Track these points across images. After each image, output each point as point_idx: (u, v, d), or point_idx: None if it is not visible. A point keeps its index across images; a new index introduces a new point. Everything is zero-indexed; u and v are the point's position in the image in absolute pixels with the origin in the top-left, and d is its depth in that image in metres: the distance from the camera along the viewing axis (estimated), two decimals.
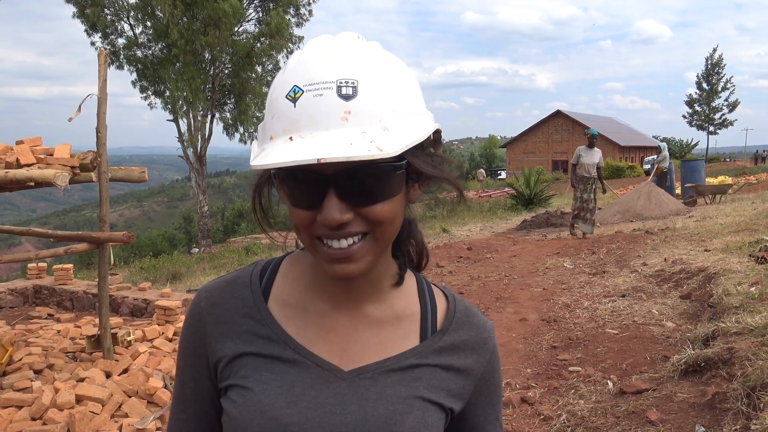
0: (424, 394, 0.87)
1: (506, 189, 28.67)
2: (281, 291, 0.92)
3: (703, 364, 4.06)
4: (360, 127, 0.72)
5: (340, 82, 0.72)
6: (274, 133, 0.75)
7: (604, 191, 11.94)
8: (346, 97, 0.72)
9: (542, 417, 4.01)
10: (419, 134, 0.76)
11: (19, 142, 4.71)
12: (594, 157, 11.12)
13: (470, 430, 0.96)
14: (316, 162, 0.68)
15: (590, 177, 11.12)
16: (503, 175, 40.28)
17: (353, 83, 0.72)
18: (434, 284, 1.00)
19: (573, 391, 4.36)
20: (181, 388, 0.95)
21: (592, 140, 11.18)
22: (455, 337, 0.92)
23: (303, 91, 0.73)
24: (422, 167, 0.80)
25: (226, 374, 0.88)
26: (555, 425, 3.85)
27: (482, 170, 41.81)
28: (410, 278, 0.96)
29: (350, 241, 0.77)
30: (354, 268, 0.78)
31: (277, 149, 0.72)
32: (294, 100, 0.73)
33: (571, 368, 4.82)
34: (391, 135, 0.73)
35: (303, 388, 0.84)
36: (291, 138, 0.72)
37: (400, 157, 0.75)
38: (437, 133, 0.84)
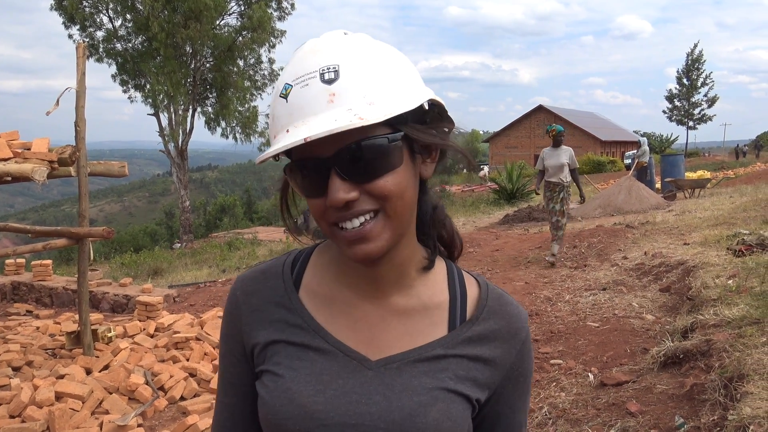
0: (449, 385, 0.87)
1: (489, 184, 28.80)
2: (311, 281, 0.94)
3: (681, 356, 4.12)
4: (345, 106, 0.74)
5: (323, 69, 0.75)
6: (275, 131, 0.79)
7: (583, 199, 9.67)
8: (330, 82, 0.75)
9: None
10: (408, 104, 0.77)
11: None
12: (561, 157, 8.70)
13: (495, 418, 0.95)
14: (303, 142, 0.71)
15: (558, 183, 8.68)
16: (486, 169, 40.25)
17: (335, 68, 0.75)
18: (467, 271, 0.99)
19: (554, 383, 4.40)
20: (224, 374, 0.99)
21: (558, 138, 8.84)
22: (485, 327, 0.92)
23: (292, 86, 0.77)
24: (422, 137, 0.81)
25: (261, 360, 0.91)
26: (536, 417, 3.89)
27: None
28: (440, 265, 0.95)
29: (362, 219, 0.78)
30: (372, 247, 0.79)
31: (276, 144, 0.76)
32: (286, 96, 0.77)
33: (552, 361, 4.86)
34: (377, 107, 0.74)
35: (331, 376, 0.86)
36: (288, 131, 0.76)
37: (396, 128, 0.77)
38: (440, 106, 0.85)
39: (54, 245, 5.19)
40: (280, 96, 0.78)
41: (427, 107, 0.81)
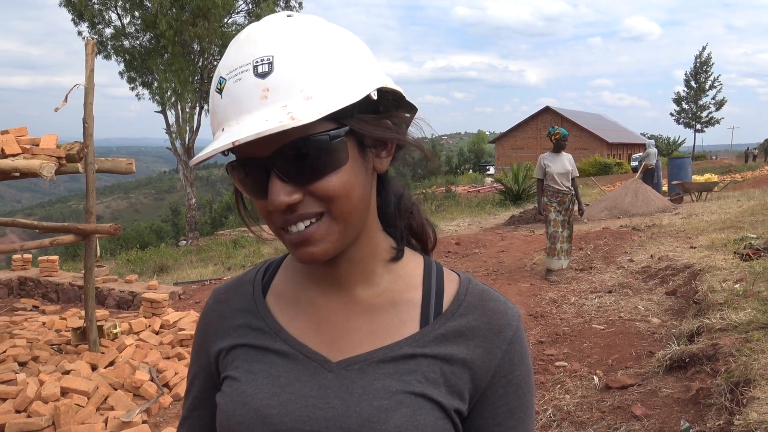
0: (417, 388, 0.78)
1: (494, 184, 28.71)
2: (279, 283, 0.90)
3: (687, 360, 4.10)
4: (280, 103, 0.68)
5: (256, 62, 0.69)
6: (214, 129, 0.74)
7: (582, 212, 8.59)
8: (263, 75, 0.69)
9: None
10: (351, 96, 0.70)
11: (4, 132, 4.65)
12: (565, 163, 7.80)
13: None
14: (231, 146, 0.66)
15: (567, 192, 7.70)
16: (492, 170, 40.11)
17: (268, 59, 0.69)
18: (450, 269, 0.91)
19: (559, 386, 4.39)
20: (190, 386, 0.96)
21: (562, 142, 7.86)
22: (461, 323, 0.82)
23: (226, 80, 0.71)
24: (370, 131, 0.74)
25: (224, 366, 0.87)
26: (541, 420, 3.88)
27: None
28: (416, 261, 0.88)
29: (306, 222, 0.73)
30: (317, 250, 0.74)
31: (211, 144, 0.70)
32: (220, 91, 0.72)
33: (557, 363, 4.85)
34: (314, 103, 0.67)
35: (288, 379, 0.81)
36: (223, 129, 0.71)
37: (341, 123, 0.71)
38: (395, 93, 0.77)
39: (61, 241, 5.20)
40: (216, 91, 0.73)
41: (375, 96, 0.73)
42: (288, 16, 0.74)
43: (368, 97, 0.72)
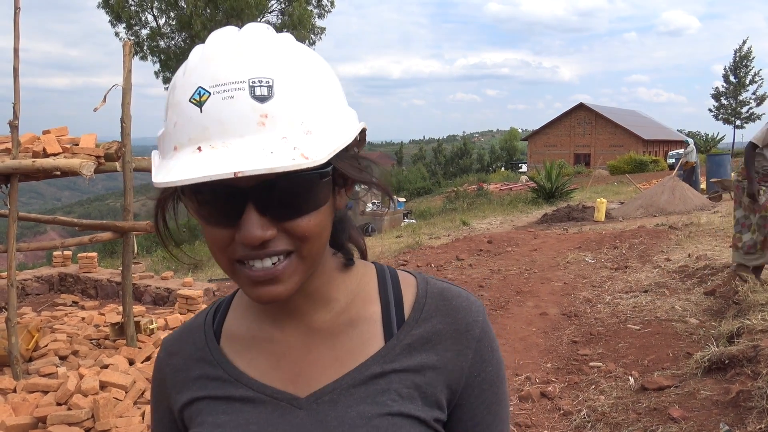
0: (393, 408, 0.74)
1: (529, 182, 28.41)
2: (231, 325, 0.85)
3: (727, 362, 4.00)
4: (279, 132, 0.63)
5: (253, 82, 0.63)
6: (178, 142, 0.65)
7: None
8: (261, 99, 0.63)
9: (562, 412, 3.99)
10: (346, 136, 0.68)
11: (45, 132, 4.78)
12: None
13: None
14: (233, 176, 0.59)
15: None
16: (524, 168, 39.65)
17: (268, 82, 0.63)
18: (403, 270, 0.86)
19: (593, 386, 4.33)
20: None
21: None
22: (427, 329, 0.78)
23: (209, 94, 0.63)
24: (350, 172, 0.71)
25: (188, 422, 0.82)
26: (575, 420, 3.83)
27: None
28: (368, 271, 0.85)
29: (274, 260, 0.68)
30: (281, 290, 0.69)
31: (183, 162, 0.63)
32: (200, 104, 0.64)
33: (591, 363, 4.78)
34: (316, 139, 0.64)
35: (259, 425, 0.76)
36: (200, 148, 0.63)
37: (326, 162, 0.65)
38: (362, 131, 0.75)
39: (100, 238, 5.32)
40: (191, 102, 0.64)
41: (358, 137, 0.72)
42: (267, 29, 0.69)
43: None
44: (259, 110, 0.63)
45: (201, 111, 0.64)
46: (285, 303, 0.76)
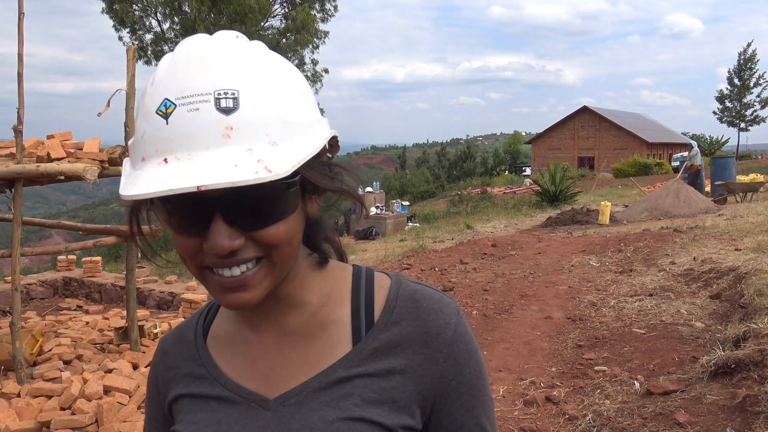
0: (354, 413, 0.74)
1: (532, 185, 28.38)
2: (218, 326, 0.88)
3: (733, 366, 3.98)
4: (244, 144, 0.63)
5: (219, 94, 0.63)
6: (146, 153, 0.66)
7: None
8: (227, 111, 0.63)
9: (567, 416, 3.97)
10: (313, 146, 0.68)
11: (50, 137, 4.79)
12: None
13: None
14: (195, 190, 0.60)
15: None
16: (528, 171, 39.62)
17: (233, 94, 0.64)
18: (380, 272, 0.86)
19: (599, 390, 4.31)
20: None
21: None
22: (395, 332, 0.77)
23: (175, 106, 0.64)
24: (319, 180, 0.72)
25: (173, 420, 0.85)
26: (580, 425, 3.81)
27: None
28: (344, 274, 0.85)
29: (243, 267, 0.69)
30: (250, 296, 0.70)
31: (150, 174, 0.63)
32: (165, 116, 0.64)
33: (596, 368, 4.76)
34: (281, 151, 0.64)
35: (228, 425, 0.78)
36: (166, 160, 0.63)
37: (294, 172, 0.65)
38: (333, 138, 0.75)
39: (103, 243, 5.33)
40: (157, 113, 0.64)
41: (328, 146, 0.73)
42: (237, 37, 0.69)
43: None
44: (225, 122, 0.63)
45: (167, 123, 0.64)
46: (259, 306, 0.75)
